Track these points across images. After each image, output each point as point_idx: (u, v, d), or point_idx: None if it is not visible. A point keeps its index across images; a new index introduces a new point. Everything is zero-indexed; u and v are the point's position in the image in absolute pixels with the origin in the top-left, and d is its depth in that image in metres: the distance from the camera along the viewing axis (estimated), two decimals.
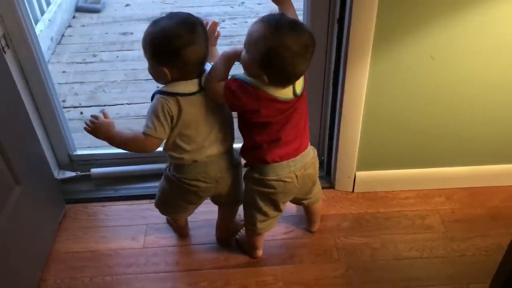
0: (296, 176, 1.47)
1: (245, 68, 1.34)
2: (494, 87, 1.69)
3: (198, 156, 1.44)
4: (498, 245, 1.72)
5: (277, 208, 1.55)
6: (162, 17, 1.34)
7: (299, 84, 1.36)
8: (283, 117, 1.38)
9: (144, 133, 1.37)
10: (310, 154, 1.51)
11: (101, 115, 1.40)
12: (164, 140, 1.43)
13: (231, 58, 1.35)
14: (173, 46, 1.30)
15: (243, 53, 1.32)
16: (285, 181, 1.46)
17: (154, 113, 1.36)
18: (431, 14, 1.51)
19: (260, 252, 1.71)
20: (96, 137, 1.40)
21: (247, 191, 1.54)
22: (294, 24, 1.29)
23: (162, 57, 1.33)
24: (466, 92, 1.70)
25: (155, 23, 1.33)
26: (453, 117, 1.76)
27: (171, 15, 1.35)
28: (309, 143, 1.52)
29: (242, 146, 1.49)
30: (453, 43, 1.58)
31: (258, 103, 1.33)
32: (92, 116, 1.39)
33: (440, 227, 1.81)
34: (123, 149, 1.44)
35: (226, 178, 1.52)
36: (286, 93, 1.34)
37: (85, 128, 1.40)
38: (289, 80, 1.32)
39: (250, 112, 1.36)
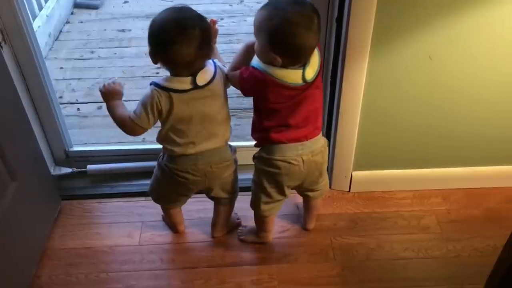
0: (303, 160, 1.48)
1: (259, 56, 1.39)
2: (491, 88, 1.69)
3: (188, 150, 1.46)
4: (493, 246, 1.72)
5: (281, 191, 1.55)
6: (178, 7, 1.36)
7: (311, 71, 1.38)
8: (291, 104, 1.40)
9: (129, 117, 1.42)
10: (320, 142, 1.51)
11: (117, 84, 1.46)
12: (158, 130, 1.48)
13: (249, 48, 1.41)
14: (159, 39, 1.34)
15: (255, 43, 1.37)
16: (290, 163, 1.47)
17: (143, 103, 1.41)
18: (430, 14, 1.51)
19: (270, 236, 1.72)
20: (102, 98, 1.47)
21: (255, 171, 1.57)
22: (294, 0, 1.33)
23: (151, 45, 1.37)
24: (463, 93, 1.70)
25: (168, 9, 1.36)
26: (450, 117, 1.76)
27: (180, 10, 1.37)
28: (321, 133, 1.52)
29: (252, 127, 1.52)
30: (451, 44, 1.58)
31: (266, 88, 1.37)
32: (111, 79, 1.48)
33: (436, 227, 1.81)
34: (114, 122, 1.48)
35: (216, 173, 1.53)
36: (295, 77, 1.36)
37: (100, 89, 1.46)
38: (299, 55, 1.34)
39: (259, 98, 1.42)
